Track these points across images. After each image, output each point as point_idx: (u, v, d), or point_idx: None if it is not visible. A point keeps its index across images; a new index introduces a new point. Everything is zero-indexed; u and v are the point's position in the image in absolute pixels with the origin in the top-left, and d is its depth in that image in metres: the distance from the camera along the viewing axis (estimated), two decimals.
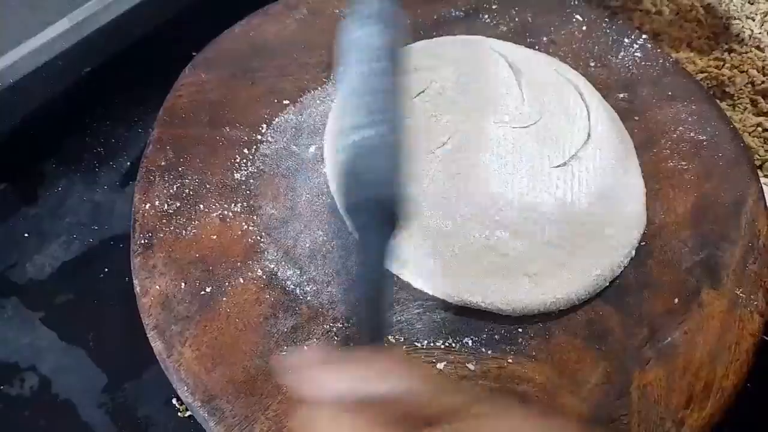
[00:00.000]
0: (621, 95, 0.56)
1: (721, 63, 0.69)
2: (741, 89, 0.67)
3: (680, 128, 0.54)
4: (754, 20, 0.73)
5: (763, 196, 0.51)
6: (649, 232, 0.48)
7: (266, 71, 0.55)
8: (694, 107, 0.56)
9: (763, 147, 0.63)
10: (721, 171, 0.52)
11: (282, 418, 0.39)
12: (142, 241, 0.45)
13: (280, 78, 0.54)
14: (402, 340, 0.43)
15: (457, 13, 0.61)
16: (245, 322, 0.43)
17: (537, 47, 0.59)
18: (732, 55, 0.70)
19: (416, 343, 0.43)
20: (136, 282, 0.44)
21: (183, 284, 0.44)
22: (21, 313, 0.52)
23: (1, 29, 0.49)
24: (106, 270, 0.54)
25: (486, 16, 0.61)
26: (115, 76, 0.59)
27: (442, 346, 0.43)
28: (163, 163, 0.49)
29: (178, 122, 0.51)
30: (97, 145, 0.60)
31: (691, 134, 0.54)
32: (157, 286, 0.44)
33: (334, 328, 0.43)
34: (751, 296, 0.46)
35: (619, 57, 0.59)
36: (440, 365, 0.42)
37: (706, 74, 0.68)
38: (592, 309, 0.45)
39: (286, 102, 0.53)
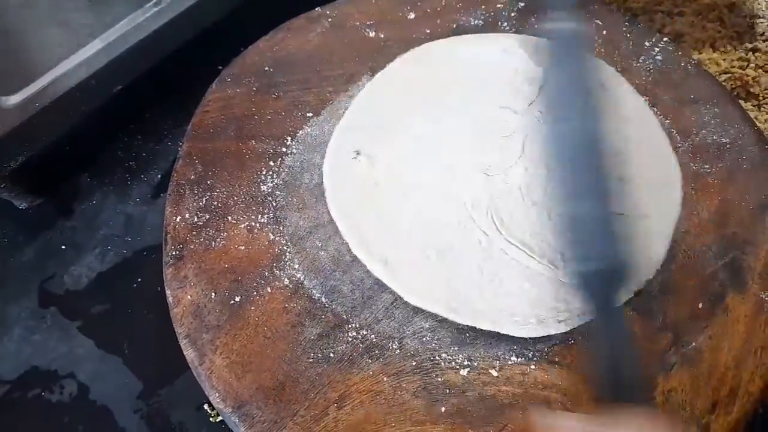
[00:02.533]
0: (643, 99, 0.56)
1: (746, 63, 0.68)
2: (766, 89, 0.66)
3: (703, 131, 0.54)
4: None
5: None
6: (672, 237, 0.48)
7: (290, 85, 0.56)
8: (716, 110, 0.55)
9: None
10: (745, 174, 0.52)
11: (310, 423, 0.40)
12: (174, 253, 0.47)
13: (303, 91, 0.56)
14: (421, 350, 0.43)
15: (476, 21, 0.61)
16: (273, 330, 0.44)
17: None
18: (756, 54, 0.69)
19: (437, 351, 0.43)
20: (168, 292, 0.46)
21: (213, 294, 0.45)
22: (60, 322, 0.54)
23: (37, 52, 0.51)
24: (140, 280, 0.56)
25: (505, 24, 0.61)
26: (145, 93, 0.62)
27: (465, 353, 0.43)
28: (192, 177, 0.51)
29: (206, 136, 0.53)
30: (129, 159, 0.62)
31: (714, 137, 0.54)
32: (189, 296, 0.45)
33: (359, 336, 0.44)
34: None
35: (640, 61, 0.59)
36: (463, 371, 0.43)
37: (729, 75, 0.67)
38: None
39: (309, 114, 0.54)
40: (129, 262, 0.57)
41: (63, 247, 0.58)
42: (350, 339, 0.44)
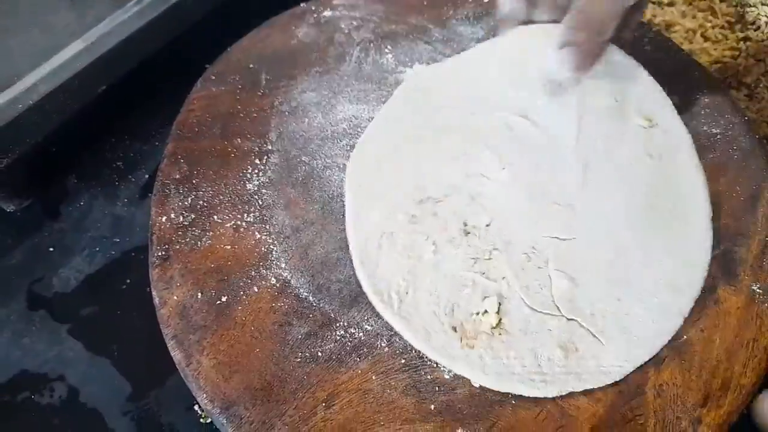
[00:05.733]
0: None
1: (737, 52, 0.68)
2: (758, 78, 0.66)
3: (693, 122, 0.54)
4: None
5: None
6: None
7: (274, 82, 0.55)
8: (707, 100, 0.55)
9: None
10: (736, 164, 0.51)
11: (298, 423, 0.40)
12: (160, 253, 0.47)
13: (288, 88, 0.55)
14: (409, 347, 0.43)
15: (467, 13, 0.61)
16: (260, 329, 0.44)
17: None
18: (748, 44, 0.68)
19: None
20: (154, 293, 0.45)
21: (199, 294, 0.45)
22: (49, 325, 0.54)
23: (19, 53, 0.51)
24: (128, 281, 0.55)
25: (491, 15, 0.61)
26: (131, 93, 0.61)
27: None
28: (177, 176, 0.50)
29: (191, 135, 0.52)
30: (116, 159, 0.62)
31: (705, 127, 0.53)
32: (175, 297, 0.45)
33: (347, 334, 0.44)
34: None
35: (630, 52, 0.58)
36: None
37: (721, 64, 0.67)
38: None
39: (294, 112, 0.54)
40: (117, 263, 0.57)
41: (51, 249, 0.57)
42: (338, 337, 0.43)
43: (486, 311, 0.43)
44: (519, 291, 0.44)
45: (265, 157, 0.51)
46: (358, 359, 0.43)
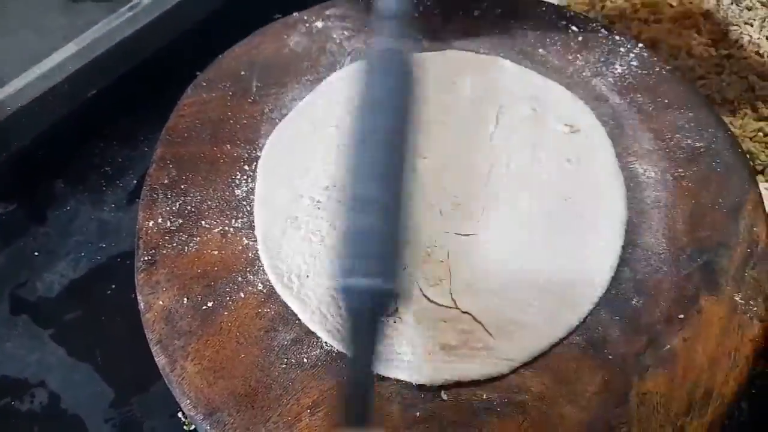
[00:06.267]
0: (617, 103, 0.56)
1: (721, 69, 0.69)
2: (741, 95, 0.67)
3: (677, 135, 0.54)
4: (752, 26, 0.73)
5: (762, 201, 0.51)
6: (646, 240, 0.48)
7: (265, 89, 0.56)
8: (691, 114, 0.56)
9: (764, 152, 0.63)
10: (719, 177, 0.52)
11: (283, 430, 0.40)
12: (146, 258, 0.47)
13: (278, 95, 0.56)
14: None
15: (457, 26, 0.62)
16: (246, 335, 0.43)
17: (532, 60, 0.59)
18: (731, 60, 0.70)
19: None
20: (140, 298, 0.45)
21: (185, 299, 0.45)
22: (31, 330, 0.53)
23: (10, 55, 0.51)
24: (113, 287, 0.55)
25: (483, 31, 0.61)
26: (121, 98, 0.61)
27: None
28: (165, 181, 0.50)
29: (180, 141, 0.52)
30: (104, 164, 0.62)
31: (689, 141, 0.54)
32: (160, 302, 0.45)
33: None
34: (750, 302, 0.45)
35: (615, 66, 0.59)
36: None
37: (705, 81, 0.68)
38: (590, 317, 0.45)
39: (284, 119, 0.54)
40: (103, 268, 0.56)
41: (36, 253, 0.57)
42: (324, 344, 0.43)
43: None
44: (418, 282, 0.45)
45: (254, 164, 0.51)
46: (344, 366, 0.42)
